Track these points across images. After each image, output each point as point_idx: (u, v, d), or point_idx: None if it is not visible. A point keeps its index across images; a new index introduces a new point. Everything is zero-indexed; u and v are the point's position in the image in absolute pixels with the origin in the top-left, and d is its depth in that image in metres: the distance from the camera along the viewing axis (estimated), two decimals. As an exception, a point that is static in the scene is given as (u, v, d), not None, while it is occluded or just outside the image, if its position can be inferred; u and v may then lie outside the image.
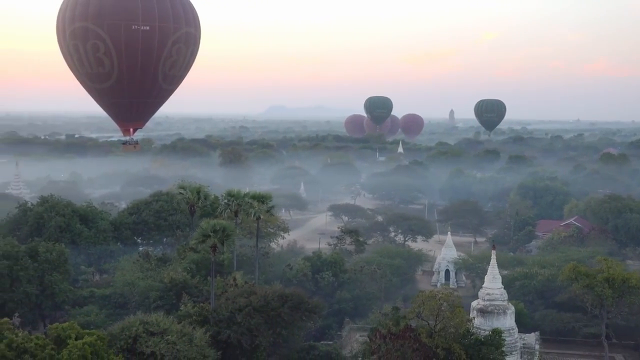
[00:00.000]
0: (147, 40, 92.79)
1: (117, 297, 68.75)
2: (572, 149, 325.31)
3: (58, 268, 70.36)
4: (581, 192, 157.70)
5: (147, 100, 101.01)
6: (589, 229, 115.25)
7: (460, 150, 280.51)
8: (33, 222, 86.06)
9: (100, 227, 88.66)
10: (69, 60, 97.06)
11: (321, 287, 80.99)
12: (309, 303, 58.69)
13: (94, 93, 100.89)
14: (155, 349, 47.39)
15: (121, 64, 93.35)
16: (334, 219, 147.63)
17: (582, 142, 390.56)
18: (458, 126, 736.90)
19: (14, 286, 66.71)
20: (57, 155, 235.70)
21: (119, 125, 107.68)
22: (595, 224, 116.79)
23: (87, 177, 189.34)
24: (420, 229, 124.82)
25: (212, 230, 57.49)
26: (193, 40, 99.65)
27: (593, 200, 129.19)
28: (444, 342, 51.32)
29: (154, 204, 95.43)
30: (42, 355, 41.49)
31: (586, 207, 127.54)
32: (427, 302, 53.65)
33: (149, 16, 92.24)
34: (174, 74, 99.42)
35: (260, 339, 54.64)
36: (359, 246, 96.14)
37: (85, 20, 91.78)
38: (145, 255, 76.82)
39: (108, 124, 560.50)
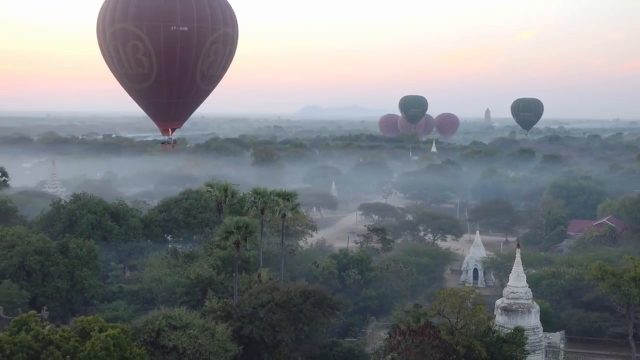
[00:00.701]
0: (185, 40, 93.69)
1: (144, 292, 70.03)
2: (610, 148, 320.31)
3: (88, 264, 71.99)
4: (616, 191, 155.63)
5: (185, 100, 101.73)
6: (622, 228, 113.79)
7: (494, 149, 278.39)
8: (66, 219, 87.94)
9: (130, 224, 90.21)
10: (109, 61, 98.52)
11: (347, 285, 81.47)
12: (332, 299, 59.14)
13: (133, 93, 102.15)
14: (177, 342, 48.33)
15: (160, 64, 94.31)
16: (364, 218, 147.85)
17: (620, 142, 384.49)
18: (494, 125, 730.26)
19: (45, 281, 68.58)
20: (94, 155, 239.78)
21: (157, 125, 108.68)
22: (629, 224, 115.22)
23: (122, 176, 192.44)
24: (450, 228, 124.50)
25: (236, 227, 58.31)
26: (231, 40, 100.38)
27: (627, 199, 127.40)
28: (465, 339, 51.36)
29: (183, 202, 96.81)
30: (66, 347, 42.57)
31: (620, 206, 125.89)
32: (448, 299, 53.76)
33: (188, 17, 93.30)
34: (212, 74, 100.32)
35: (282, 334, 55.23)
36: (386, 244, 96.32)
37: (125, 21, 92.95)
38: (173, 252, 78.04)
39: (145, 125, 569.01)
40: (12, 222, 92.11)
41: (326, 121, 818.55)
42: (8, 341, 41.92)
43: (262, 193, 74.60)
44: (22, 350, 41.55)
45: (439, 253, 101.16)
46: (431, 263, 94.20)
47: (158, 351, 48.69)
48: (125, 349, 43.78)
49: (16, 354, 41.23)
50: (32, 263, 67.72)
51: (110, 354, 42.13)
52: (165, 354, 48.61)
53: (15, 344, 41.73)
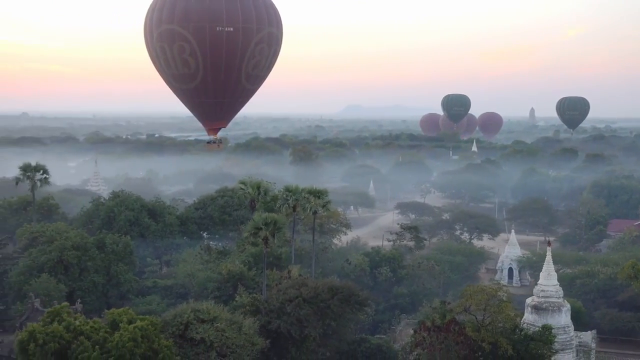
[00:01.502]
0: (231, 41, 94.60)
1: (178, 287, 71.49)
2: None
3: (123, 259, 73.79)
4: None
5: (230, 100, 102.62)
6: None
7: (536, 148, 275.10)
8: (104, 216, 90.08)
9: (167, 221, 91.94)
10: (156, 61, 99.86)
11: (379, 282, 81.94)
12: (359, 296, 59.63)
13: (179, 93, 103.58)
14: (204, 335, 49.39)
15: (206, 64, 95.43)
16: (401, 217, 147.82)
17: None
18: (539, 125, 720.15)
19: (82, 275, 70.50)
20: (137, 154, 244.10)
21: (203, 124, 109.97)
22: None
23: (163, 174, 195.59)
24: (486, 227, 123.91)
25: (264, 223, 59.24)
26: (275, 40, 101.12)
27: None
28: (490, 336, 51.38)
29: (219, 199, 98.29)
30: (96, 338, 43.98)
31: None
32: (474, 296, 53.84)
33: (233, 18, 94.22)
34: (257, 73, 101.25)
35: (309, 329, 55.91)
36: (419, 242, 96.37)
37: (172, 22, 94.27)
38: (207, 248, 79.43)
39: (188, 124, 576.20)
40: (54, 218, 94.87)
41: (368, 121, 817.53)
42: (41, 331, 43.52)
43: (294, 190, 75.51)
44: (54, 340, 43.08)
45: (473, 252, 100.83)
46: (465, 262, 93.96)
47: (186, 344, 49.80)
48: (153, 341, 45.02)
49: (48, 344, 42.79)
50: (69, 258, 69.69)
51: (138, 344, 43.38)
52: (193, 347, 49.69)
53: (48, 333, 43.29)
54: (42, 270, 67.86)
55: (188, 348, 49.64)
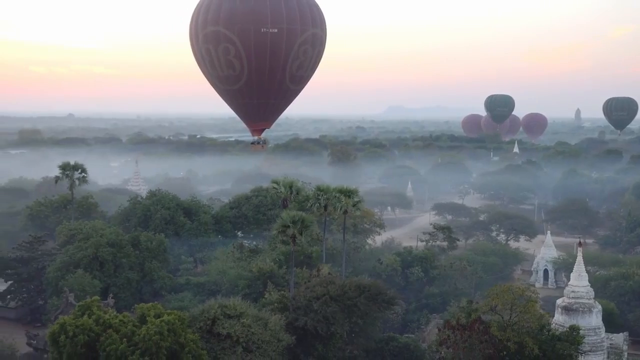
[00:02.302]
0: (275, 42, 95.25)
1: (210, 284, 72.58)
2: None
3: (157, 256, 75.36)
4: None
5: (274, 101, 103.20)
6: None
7: (579, 150, 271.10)
8: (141, 214, 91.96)
9: (202, 220, 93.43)
10: (201, 63, 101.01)
11: (411, 282, 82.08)
12: (387, 294, 59.87)
13: (224, 94, 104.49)
14: (231, 330, 50.28)
15: (250, 66, 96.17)
16: (438, 218, 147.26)
17: None
18: (584, 126, 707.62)
19: (117, 272, 72.21)
20: (178, 154, 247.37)
21: (247, 125, 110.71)
22: None
23: (202, 174, 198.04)
24: (523, 228, 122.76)
25: (292, 222, 59.93)
26: (319, 41, 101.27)
27: None
28: (516, 335, 51.17)
29: (253, 199, 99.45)
30: (124, 331, 45.12)
31: None
32: (501, 295, 53.67)
33: (278, 19, 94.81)
34: (301, 74, 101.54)
35: (336, 327, 56.37)
36: (451, 243, 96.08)
37: (217, 24, 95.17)
38: (239, 247, 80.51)
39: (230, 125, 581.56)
40: (93, 216, 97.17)
41: (410, 122, 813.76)
42: (71, 323, 44.83)
43: (325, 190, 76.05)
44: (84, 332, 44.32)
45: (507, 253, 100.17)
46: (498, 262, 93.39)
47: (213, 338, 50.74)
48: (179, 335, 45.96)
49: (78, 336, 44.06)
50: (104, 254, 71.43)
51: (164, 338, 44.35)
52: (220, 342, 50.59)
53: (78, 326, 44.57)
54: (78, 266, 69.71)
55: (215, 343, 50.56)
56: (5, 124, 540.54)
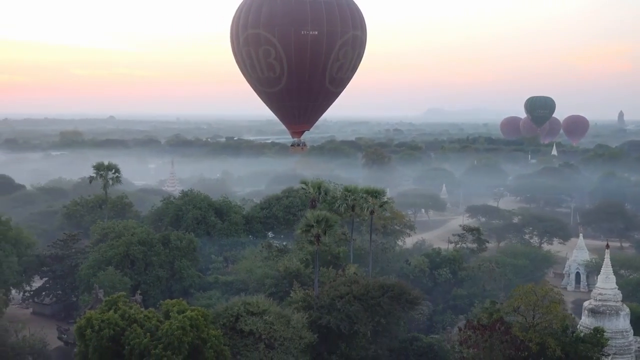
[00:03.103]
0: (315, 44, 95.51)
1: (238, 283, 73.54)
2: None
3: (187, 255, 76.66)
4: None
5: (314, 103, 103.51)
6: None
7: (619, 152, 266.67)
8: (173, 214, 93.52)
9: (232, 220, 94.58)
10: (242, 65, 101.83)
11: (439, 284, 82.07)
12: (410, 294, 60.17)
13: (264, 97, 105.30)
14: (253, 327, 51.18)
15: (291, 68, 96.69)
16: (472, 221, 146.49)
17: None
18: (627, 128, 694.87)
19: (147, 270, 73.70)
20: (214, 156, 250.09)
21: (287, 127, 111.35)
22: None
23: (237, 175, 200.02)
24: (557, 230, 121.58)
25: (316, 221, 60.60)
26: (359, 42, 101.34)
27: None
28: (538, 336, 51.06)
29: (284, 199, 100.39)
30: (148, 325, 46.38)
31: None
32: (524, 296, 53.60)
33: (318, 21, 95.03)
34: (341, 76, 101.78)
35: (359, 325, 56.90)
36: (481, 244, 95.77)
37: (258, 27, 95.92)
38: (268, 246, 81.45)
39: (267, 128, 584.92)
40: (127, 216, 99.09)
41: (449, 124, 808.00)
42: (97, 318, 46.21)
43: (353, 190, 76.67)
44: (109, 326, 45.66)
45: (538, 255, 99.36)
46: (529, 265, 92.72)
47: (236, 335, 51.71)
48: (202, 330, 47.03)
49: (104, 330, 45.41)
50: (135, 252, 73.00)
51: (186, 333, 45.44)
52: (243, 338, 51.55)
53: (104, 320, 45.92)
54: (110, 264, 71.32)
55: (238, 339, 51.51)
56: (48, 126, 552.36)
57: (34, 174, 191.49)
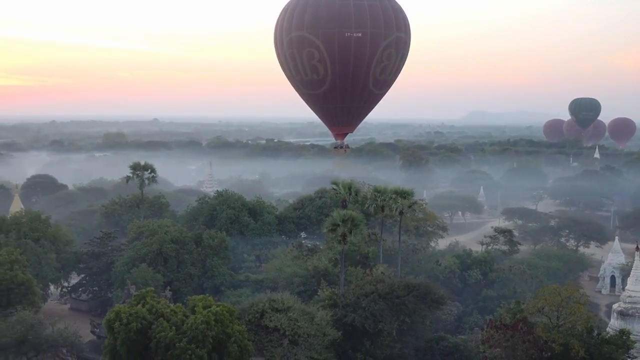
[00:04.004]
0: (359, 46, 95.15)
1: (268, 282, 74.77)
2: None
3: (219, 253, 78.20)
4: None
5: (357, 105, 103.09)
6: None
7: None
8: (207, 214, 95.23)
9: (266, 220, 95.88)
10: (286, 68, 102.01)
11: (469, 285, 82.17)
12: (435, 294, 60.54)
13: (307, 99, 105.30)
14: (278, 323, 52.23)
15: (334, 70, 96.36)
16: (508, 223, 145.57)
17: None
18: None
19: (180, 267, 75.43)
20: (253, 158, 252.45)
21: (330, 129, 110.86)
22: None
23: (275, 177, 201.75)
24: (594, 234, 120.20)
25: (341, 220, 61.38)
26: (403, 44, 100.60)
27: None
28: (562, 337, 51.01)
29: (317, 200, 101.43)
30: (174, 320, 47.70)
31: None
32: (548, 297, 53.59)
33: (362, 23, 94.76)
34: (384, 78, 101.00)
35: (383, 324, 57.53)
36: (512, 246, 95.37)
37: (302, 29, 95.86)
38: (298, 245, 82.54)
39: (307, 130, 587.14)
40: (164, 215, 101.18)
41: (491, 127, 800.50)
42: (125, 311, 47.68)
43: (382, 191, 77.31)
44: (137, 320, 47.09)
45: (572, 258, 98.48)
46: (562, 268, 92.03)
47: (261, 331, 52.86)
48: (226, 325, 48.14)
49: (131, 323, 46.85)
50: (168, 250, 74.77)
51: (211, 327, 46.62)
52: (268, 334, 52.66)
53: (131, 314, 47.37)
54: (144, 261, 73.13)
55: (263, 335, 52.66)
56: (94, 128, 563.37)
57: (77, 175, 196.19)
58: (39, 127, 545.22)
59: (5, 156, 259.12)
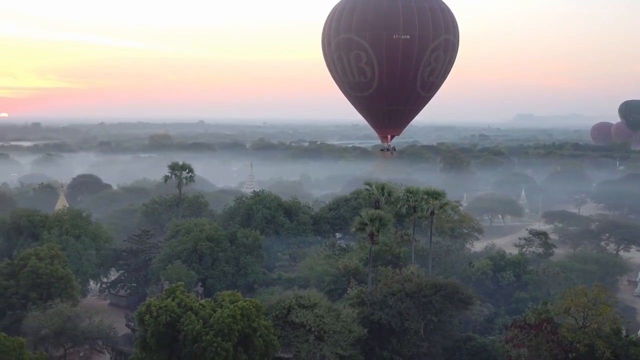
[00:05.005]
0: (407, 48, 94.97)
1: (300, 280, 75.86)
2: None
3: (252, 252, 79.68)
4: None
5: (405, 108, 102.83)
6: None
7: None
8: (244, 213, 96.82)
9: (301, 220, 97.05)
10: (333, 70, 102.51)
11: (502, 286, 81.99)
12: (462, 293, 60.83)
13: (354, 101, 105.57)
14: (304, 319, 53.28)
15: (381, 72, 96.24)
16: (548, 227, 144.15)
17: None
18: None
19: (214, 265, 77.08)
20: (294, 159, 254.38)
21: (377, 132, 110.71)
22: None
23: (315, 178, 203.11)
24: (635, 237, 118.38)
25: (370, 219, 62.16)
26: (451, 47, 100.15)
27: None
28: (587, 338, 50.94)
29: (352, 201, 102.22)
30: (202, 313, 49.24)
31: None
32: (575, 298, 53.55)
33: (410, 25, 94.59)
34: (432, 81, 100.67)
35: (410, 322, 58.07)
36: (547, 249, 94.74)
37: (349, 31, 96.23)
38: (331, 245, 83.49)
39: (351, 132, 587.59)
40: (202, 215, 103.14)
41: (538, 130, 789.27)
42: (156, 305, 49.40)
43: (414, 191, 77.83)
44: (166, 313, 48.76)
45: (609, 261, 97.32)
46: (598, 271, 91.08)
47: (288, 326, 53.98)
48: (253, 320, 49.48)
49: (161, 316, 48.54)
50: (203, 248, 76.53)
51: (237, 321, 48.04)
52: (294, 330, 53.75)
53: (161, 307, 49.07)
54: (179, 258, 74.96)
55: (289, 330, 53.79)
56: (141, 130, 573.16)
57: (122, 175, 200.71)
58: (88, 129, 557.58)
59: (55, 157, 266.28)
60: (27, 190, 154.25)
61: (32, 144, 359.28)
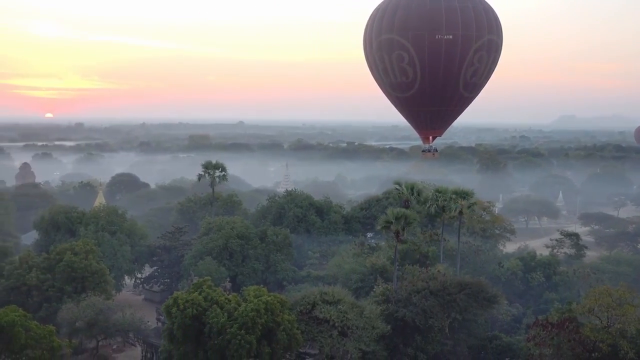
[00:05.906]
0: (449, 49, 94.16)
1: (328, 278, 76.80)
2: None
3: (282, 250, 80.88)
4: None
5: (447, 109, 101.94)
6: None
7: None
8: (276, 212, 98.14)
9: (332, 219, 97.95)
10: (374, 70, 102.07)
11: (531, 287, 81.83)
12: (488, 292, 61.09)
13: (396, 102, 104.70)
14: (327, 315, 54.17)
15: (424, 73, 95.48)
16: (585, 229, 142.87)
17: None
18: None
19: (244, 262, 78.46)
20: (331, 160, 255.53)
21: (418, 133, 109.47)
22: None
23: (351, 179, 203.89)
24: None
25: (395, 218, 62.78)
26: (495, 47, 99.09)
27: None
28: (610, 338, 50.89)
29: (383, 200, 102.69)
30: (228, 307, 50.50)
31: None
32: (599, 298, 53.48)
33: (453, 25, 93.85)
34: (475, 82, 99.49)
35: (434, 320, 58.55)
36: (579, 250, 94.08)
37: (391, 32, 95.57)
38: (360, 244, 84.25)
39: (390, 133, 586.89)
40: (235, 213, 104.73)
41: (580, 132, 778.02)
42: (183, 298, 50.82)
43: (443, 191, 78.17)
44: (193, 306, 50.14)
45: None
46: (631, 273, 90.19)
47: (312, 321, 54.91)
48: (276, 314, 50.58)
49: (188, 309, 49.93)
50: (233, 245, 77.99)
51: (260, 315, 49.18)
52: (318, 325, 54.67)
53: (188, 300, 50.47)
54: (210, 255, 76.51)
55: (313, 326, 54.72)
56: (181, 131, 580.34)
57: (161, 174, 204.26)
58: (130, 129, 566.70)
59: (96, 156, 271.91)
60: (68, 188, 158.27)
61: (75, 143, 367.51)
